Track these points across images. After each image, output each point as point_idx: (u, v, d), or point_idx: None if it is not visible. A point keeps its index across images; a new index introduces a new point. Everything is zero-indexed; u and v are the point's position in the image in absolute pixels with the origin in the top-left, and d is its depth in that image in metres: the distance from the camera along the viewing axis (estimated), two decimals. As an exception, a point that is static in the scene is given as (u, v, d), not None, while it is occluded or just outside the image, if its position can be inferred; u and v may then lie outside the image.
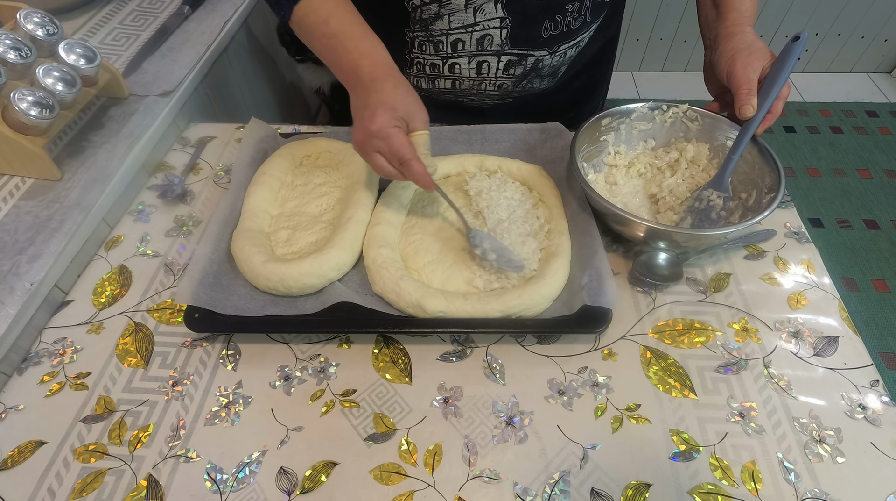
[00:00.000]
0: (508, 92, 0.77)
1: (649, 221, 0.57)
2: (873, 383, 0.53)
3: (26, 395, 0.54)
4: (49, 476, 0.48)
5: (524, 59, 0.71)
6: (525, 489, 0.47)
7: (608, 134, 0.68)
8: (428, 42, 0.70)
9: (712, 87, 0.68)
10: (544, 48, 0.70)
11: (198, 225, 0.69)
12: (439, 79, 0.76)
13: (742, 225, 0.55)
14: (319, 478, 0.48)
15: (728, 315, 0.58)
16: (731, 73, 0.61)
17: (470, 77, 0.74)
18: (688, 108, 0.67)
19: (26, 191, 0.66)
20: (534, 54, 0.71)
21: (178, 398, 0.53)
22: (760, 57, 0.60)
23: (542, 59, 0.72)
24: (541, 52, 0.71)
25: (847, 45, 2.23)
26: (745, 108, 0.59)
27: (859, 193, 1.83)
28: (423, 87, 0.78)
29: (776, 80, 0.58)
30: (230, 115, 1.01)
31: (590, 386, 0.53)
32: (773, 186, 0.58)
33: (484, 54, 0.71)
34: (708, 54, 0.67)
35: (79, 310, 0.61)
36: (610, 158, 0.70)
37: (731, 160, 0.61)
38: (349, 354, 0.56)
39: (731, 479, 0.47)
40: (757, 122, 0.59)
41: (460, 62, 0.72)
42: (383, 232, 0.62)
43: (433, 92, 0.79)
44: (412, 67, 0.76)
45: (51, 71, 0.64)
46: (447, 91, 0.78)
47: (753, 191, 0.62)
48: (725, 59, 0.61)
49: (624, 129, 0.69)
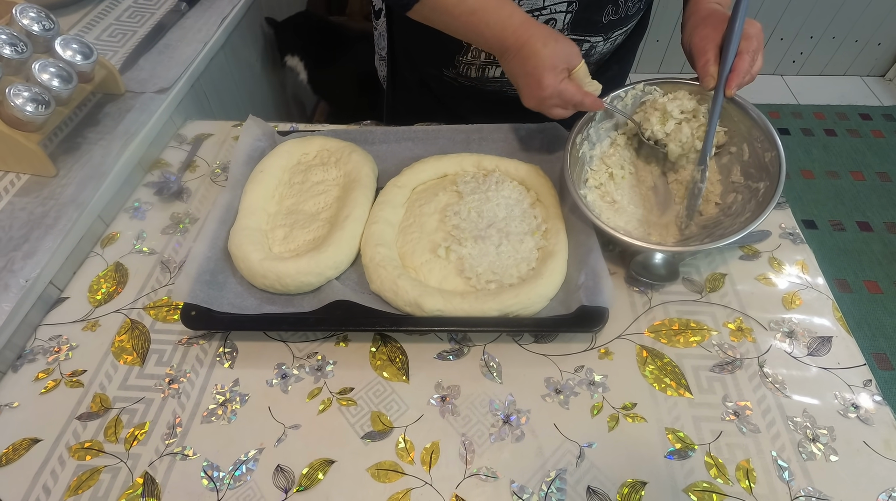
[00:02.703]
0: None
1: (634, 242, 0.57)
2: (866, 382, 0.53)
3: (21, 392, 0.53)
4: (44, 474, 0.48)
5: (581, 45, 0.71)
6: (522, 487, 0.47)
7: (583, 146, 0.66)
8: None
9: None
10: (601, 34, 0.71)
11: (194, 223, 0.69)
12: (490, 67, 0.76)
13: (730, 239, 0.55)
14: (316, 476, 0.48)
15: (723, 315, 0.59)
16: (690, 50, 0.62)
17: None
18: (644, 83, 0.66)
19: (21, 187, 0.66)
20: (590, 40, 0.71)
21: (174, 396, 0.53)
22: (716, 24, 0.60)
23: (596, 45, 0.72)
24: (596, 39, 0.71)
25: (841, 49, 2.25)
26: (705, 79, 0.60)
27: (852, 195, 1.85)
28: (472, 76, 0.78)
29: (730, 39, 0.58)
30: (227, 112, 1.00)
31: (586, 385, 0.53)
32: (771, 187, 0.58)
33: None
34: (683, 37, 0.68)
35: (74, 307, 0.60)
36: (592, 181, 0.68)
37: (709, 133, 0.61)
38: (346, 352, 0.56)
39: (726, 477, 0.47)
40: (721, 86, 0.59)
41: None
42: (381, 231, 0.62)
43: (480, 81, 0.79)
44: (466, 55, 0.75)
45: (47, 67, 0.64)
46: (495, 80, 0.78)
47: (761, 184, 0.60)
48: (687, 38, 0.64)
49: (593, 132, 0.67)
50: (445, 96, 0.86)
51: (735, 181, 0.64)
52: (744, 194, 0.62)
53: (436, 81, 0.84)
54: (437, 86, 0.85)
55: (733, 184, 0.64)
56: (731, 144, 0.65)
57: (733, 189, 0.64)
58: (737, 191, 0.63)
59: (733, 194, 0.64)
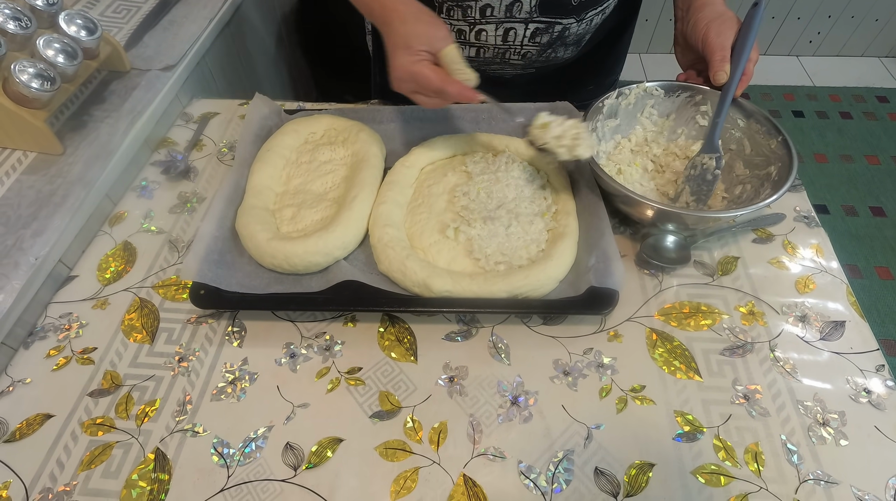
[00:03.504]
0: (532, 61, 0.76)
1: (658, 202, 0.56)
2: (879, 367, 0.53)
3: (33, 369, 0.54)
4: (58, 449, 0.49)
5: (552, 27, 0.70)
6: (529, 467, 0.47)
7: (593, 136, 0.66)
8: (456, 7, 0.69)
9: (683, 58, 0.71)
10: (572, 16, 0.69)
11: (202, 202, 0.69)
12: (464, 46, 0.74)
13: (752, 207, 0.54)
14: (325, 454, 0.48)
15: (735, 299, 0.58)
16: (705, 41, 0.63)
17: (496, 45, 0.73)
18: (645, 86, 0.67)
19: (28, 165, 0.65)
20: (561, 22, 0.70)
21: (184, 374, 0.53)
22: (731, 26, 0.63)
23: (569, 27, 0.71)
24: (568, 20, 0.70)
25: (860, 28, 2.19)
26: (718, 74, 0.62)
27: (866, 179, 1.81)
28: None
29: (745, 45, 0.62)
30: (233, 91, 0.99)
31: (595, 367, 0.53)
32: (785, 168, 0.58)
33: (512, 21, 0.69)
34: (679, 26, 0.69)
35: (84, 285, 0.60)
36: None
37: (717, 124, 0.62)
38: (354, 332, 0.56)
39: (734, 460, 0.47)
40: (735, 82, 0.62)
41: (487, 29, 0.71)
42: (389, 211, 0.61)
43: None
44: None
45: (51, 42, 0.63)
46: (470, 60, 0.76)
47: (771, 167, 0.61)
48: (699, 30, 0.64)
49: (600, 127, 0.68)
50: None
51: (739, 174, 0.64)
52: (752, 183, 0.62)
53: None
54: None
55: (738, 177, 0.64)
56: (730, 142, 0.66)
57: (739, 182, 0.64)
58: (743, 182, 0.63)
59: (740, 185, 0.63)
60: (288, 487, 0.46)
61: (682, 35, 0.69)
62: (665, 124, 0.70)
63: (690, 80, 0.68)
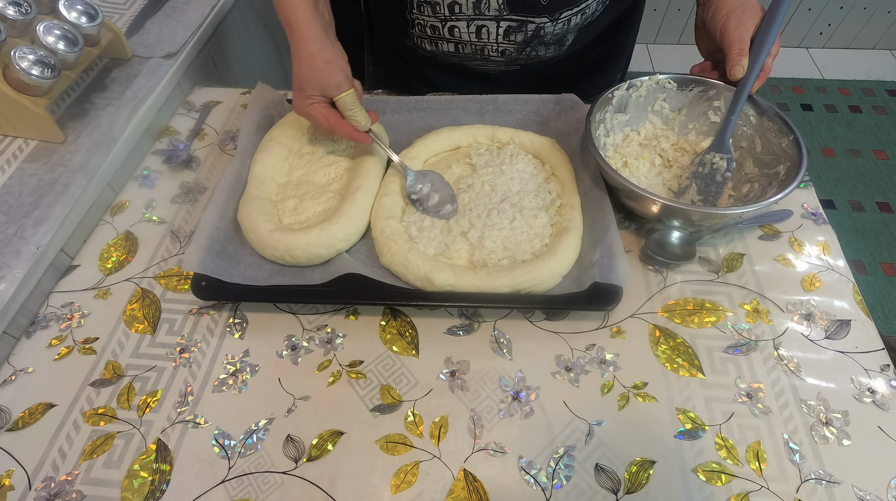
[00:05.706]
0: (513, 59, 0.75)
1: (664, 197, 0.55)
2: (884, 367, 0.52)
3: (35, 358, 0.54)
4: (60, 438, 0.49)
5: (524, 26, 0.69)
6: (530, 462, 0.47)
7: (599, 128, 0.65)
8: (426, 3, 0.68)
9: (703, 46, 0.68)
10: (545, 15, 0.68)
11: (203, 192, 0.68)
12: (441, 41, 0.73)
13: (759, 204, 0.54)
14: (326, 447, 0.48)
15: (740, 296, 0.58)
16: (724, 32, 0.60)
17: (471, 41, 0.72)
18: (657, 78, 0.65)
19: (30, 153, 0.65)
20: (534, 21, 0.68)
21: (185, 365, 0.53)
22: (753, 16, 0.60)
23: (543, 26, 0.69)
24: (541, 20, 0.68)
25: (872, 20, 2.15)
26: (735, 69, 0.59)
27: (874, 174, 1.80)
28: (428, 48, 0.76)
29: (766, 39, 0.58)
30: (235, 79, 0.98)
31: (597, 363, 0.53)
32: (794, 167, 0.57)
33: (482, 18, 0.68)
34: (700, 12, 0.66)
35: (85, 275, 0.60)
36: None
37: (730, 121, 0.60)
38: (356, 325, 0.56)
39: (736, 458, 0.47)
40: (752, 79, 0.59)
41: (459, 25, 0.70)
42: (391, 203, 0.61)
43: (438, 55, 0.76)
44: (414, 28, 0.73)
45: (52, 29, 0.62)
46: (451, 55, 0.75)
47: (780, 166, 0.60)
48: (719, 18, 0.61)
49: (609, 118, 0.66)
50: (417, 65, 0.83)
51: (749, 173, 0.63)
52: (761, 181, 0.61)
53: (404, 50, 0.81)
54: (406, 54, 0.82)
55: (746, 175, 0.63)
56: (742, 139, 0.64)
57: (747, 180, 0.62)
58: (752, 181, 0.62)
59: (748, 184, 0.62)
60: (289, 479, 0.46)
61: (702, 22, 0.65)
62: (676, 119, 0.69)
63: (705, 72, 0.65)
